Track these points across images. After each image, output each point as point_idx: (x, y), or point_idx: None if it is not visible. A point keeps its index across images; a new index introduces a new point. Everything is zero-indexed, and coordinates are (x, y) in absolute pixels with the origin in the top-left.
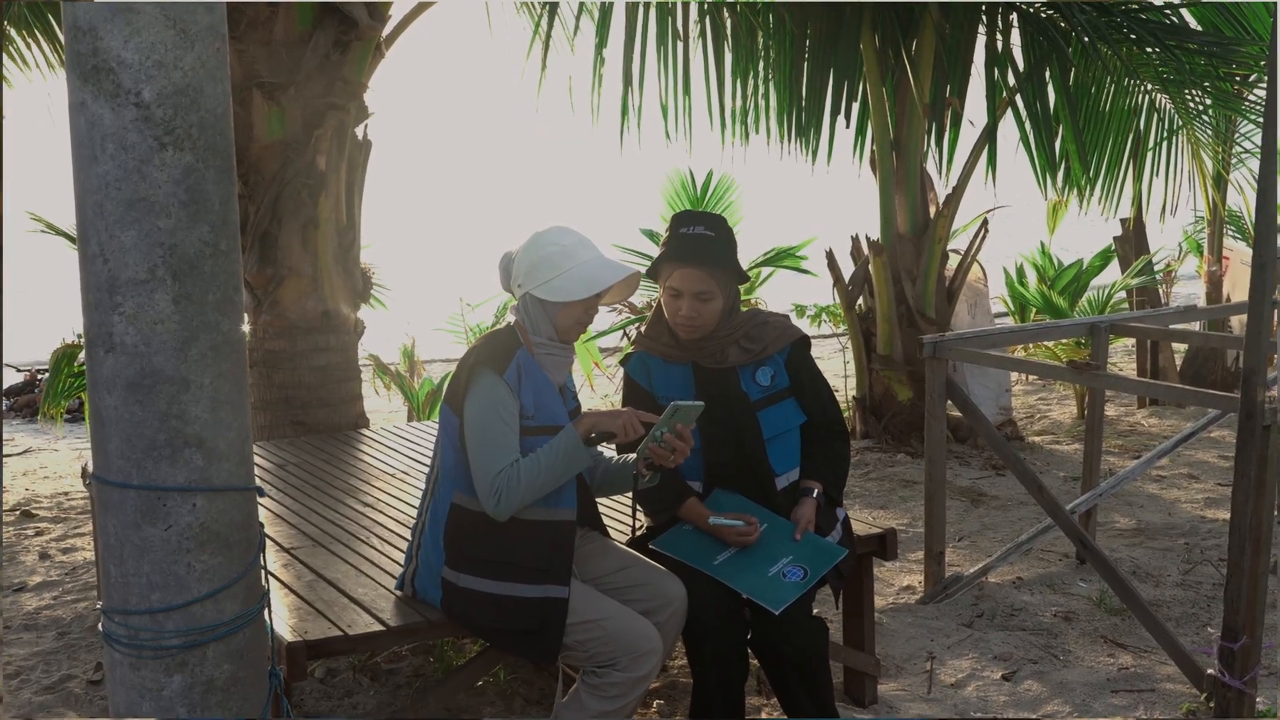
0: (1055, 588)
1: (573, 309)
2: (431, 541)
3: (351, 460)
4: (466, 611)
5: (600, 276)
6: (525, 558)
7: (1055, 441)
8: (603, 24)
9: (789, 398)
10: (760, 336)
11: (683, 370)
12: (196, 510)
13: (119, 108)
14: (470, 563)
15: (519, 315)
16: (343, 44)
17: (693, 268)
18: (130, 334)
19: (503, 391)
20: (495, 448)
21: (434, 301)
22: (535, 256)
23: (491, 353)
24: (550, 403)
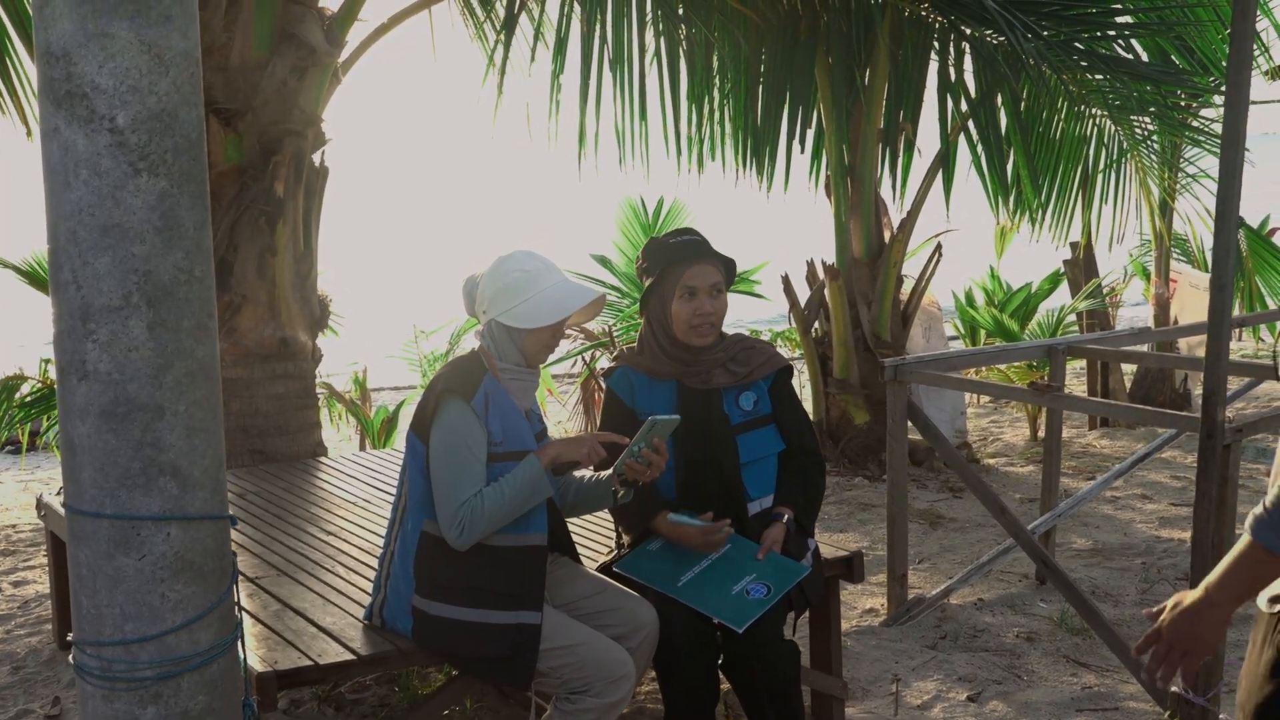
0: (1016, 608)
1: (540, 334)
2: (401, 570)
3: (311, 489)
4: (438, 639)
5: (566, 301)
6: (497, 584)
7: (1010, 464)
8: (559, 51)
9: (769, 425)
10: (747, 360)
11: (667, 388)
12: (171, 539)
13: (93, 133)
14: (442, 590)
15: (484, 341)
16: (300, 70)
17: (704, 263)
18: (104, 361)
19: (470, 419)
20: (460, 478)
21: (387, 329)
22: (500, 282)
23: (459, 380)
24: (517, 428)
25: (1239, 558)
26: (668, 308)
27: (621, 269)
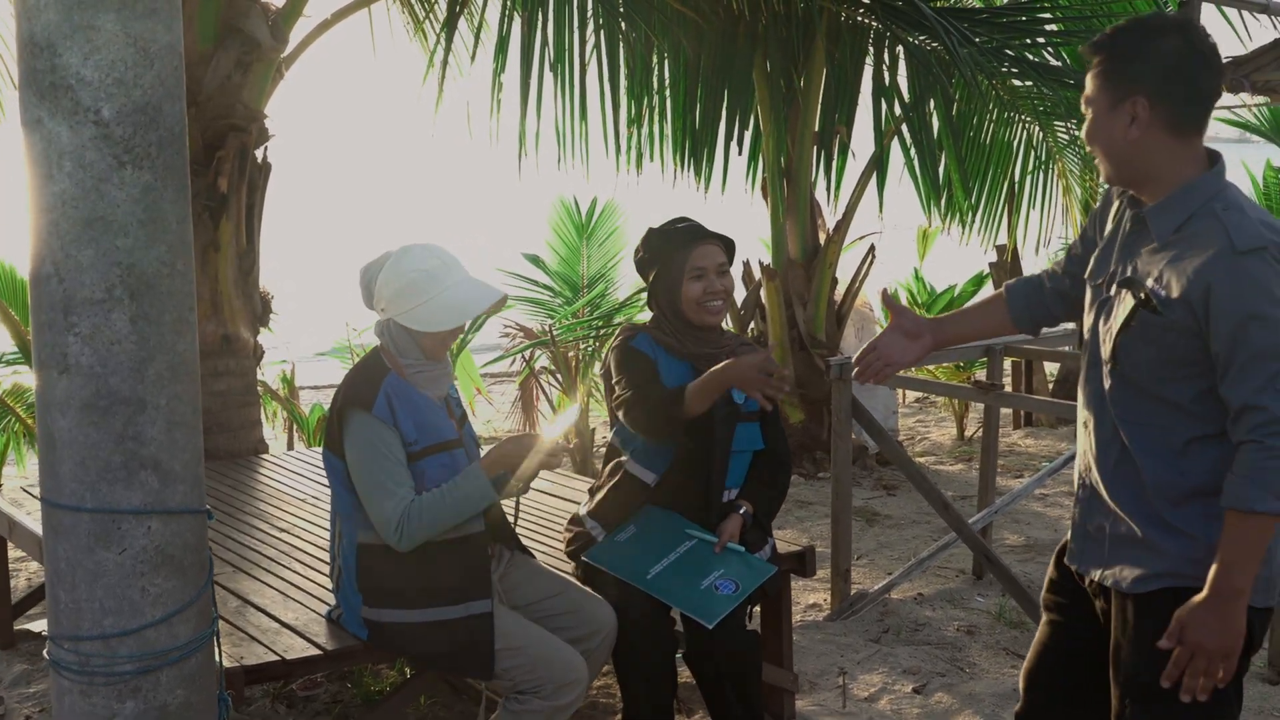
0: (955, 603)
1: (440, 334)
2: (348, 583)
3: (258, 486)
4: (396, 644)
5: (467, 306)
6: (441, 580)
7: (938, 462)
8: (500, 50)
9: (755, 421)
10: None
11: (684, 367)
12: (152, 533)
13: (77, 125)
14: (388, 597)
15: (383, 339)
16: (244, 64)
17: (707, 243)
18: (86, 354)
19: (377, 427)
20: (386, 488)
21: (320, 325)
22: (399, 282)
23: (356, 391)
24: (432, 421)
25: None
26: (677, 292)
27: (554, 268)
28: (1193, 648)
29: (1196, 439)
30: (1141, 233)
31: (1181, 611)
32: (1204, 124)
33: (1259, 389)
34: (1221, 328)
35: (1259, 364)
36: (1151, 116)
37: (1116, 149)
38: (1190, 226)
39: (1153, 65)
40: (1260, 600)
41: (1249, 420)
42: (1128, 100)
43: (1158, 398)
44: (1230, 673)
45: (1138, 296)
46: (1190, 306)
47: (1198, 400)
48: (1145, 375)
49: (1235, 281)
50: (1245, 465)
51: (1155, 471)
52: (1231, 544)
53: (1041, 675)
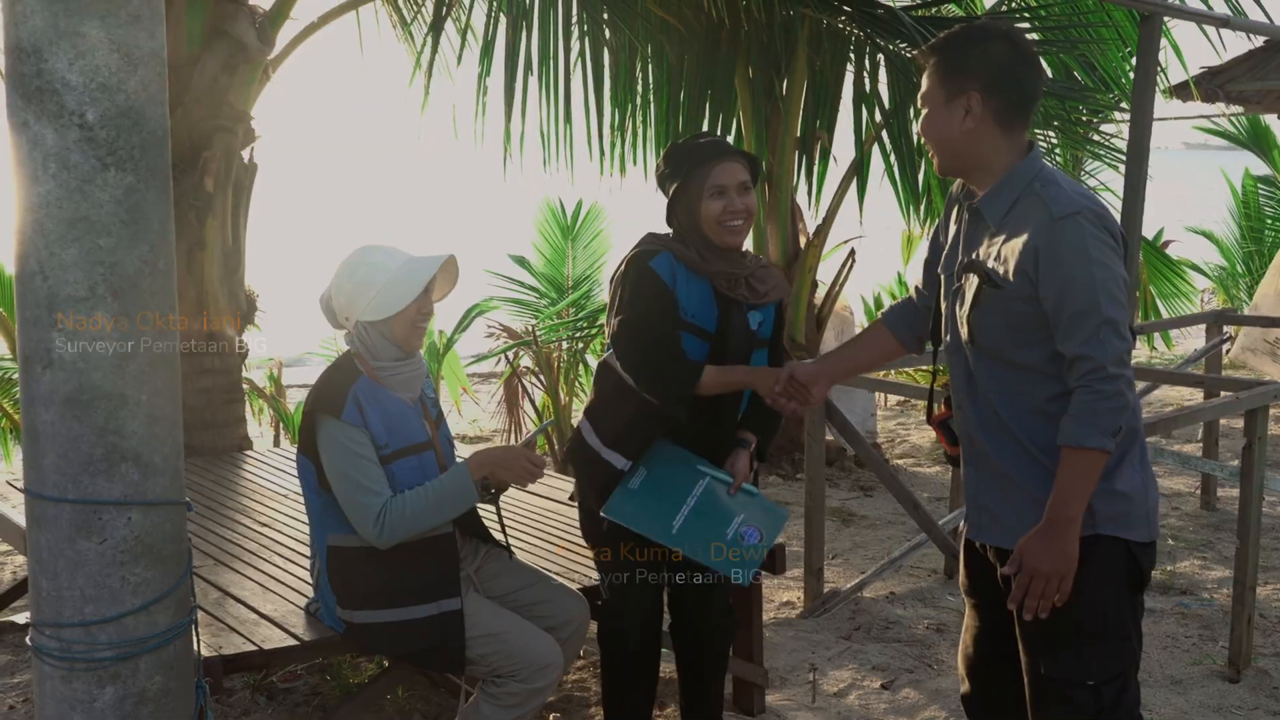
0: (926, 601)
1: (406, 315)
2: (323, 583)
3: (240, 482)
4: (369, 643)
5: (417, 275)
6: (411, 579)
7: (917, 464)
8: (485, 53)
9: (765, 348)
10: (765, 279)
11: (704, 285)
12: (132, 524)
13: (62, 129)
14: (360, 598)
15: (355, 346)
16: (231, 67)
17: (729, 160)
18: (69, 350)
19: (349, 431)
20: (363, 486)
21: (307, 325)
22: (349, 285)
23: (324, 396)
24: (404, 423)
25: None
26: (696, 210)
27: (539, 269)
28: (1030, 572)
29: (1056, 395)
30: (979, 222)
31: (1021, 542)
32: (1028, 119)
33: (1085, 340)
34: (1049, 289)
35: (1083, 318)
36: (984, 110)
37: (951, 139)
38: (1017, 208)
39: (985, 65)
40: (1140, 535)
41: (1079, 368)
42: (963, 95)
43: (1015, 364)
44: (1066, 592)
45: (980, 275)
46: (1025, 275)
47: (1051, 361)
48: (1001, 346)
49: (1056, 245)
50: (1077, 407)
51: (1030, 430)
52: (1066, 477)
53: (976, 657)
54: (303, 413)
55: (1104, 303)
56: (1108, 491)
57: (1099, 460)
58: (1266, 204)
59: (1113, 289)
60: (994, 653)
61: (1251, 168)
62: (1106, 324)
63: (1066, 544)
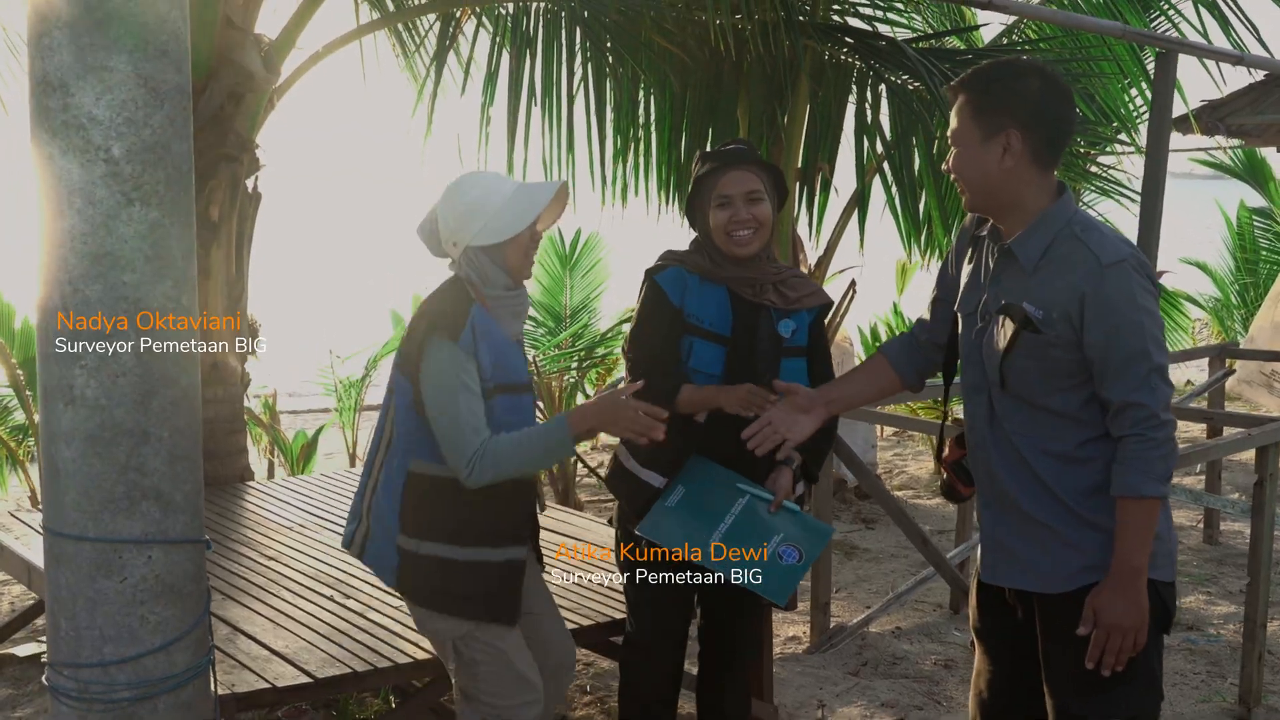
0: (933, 636)
1: (519, 242)
2: (386, 507)
3: (245, 513)
4: (426, 578)
5: (534, 199)
6: (487, 521)
7: (916, 496)
8: (489, 83)
9: (802, 358)
10: (797, 287)
11: (719, 292)
12: (152, 562)
13: (88, 163)
14: (430, 529)
15: (464, 273)
16: (237, 95)
17: (738, 169)
18: (91, 387)
19: (461, 359)
20: (465, 421)
21: (303, 353)
22: (459, 209)
23: (445, 318)
24: (509, 359)
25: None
26: (706, 219)
27: (538, 299)
28: (1109, 629)
29: (1086, 441)
30: (1010, 263)
31: (1092, 598)
32: (1059, 157)
33: (1135, 388)
34: (1096, 335)
35: (1132, 365)
36: (1023, 148)
37: (988, 177)
38: (1054, 250)
39: (1022, 102)
40: (1165, 574)
41: (1130, 416)
42: (1001, 133)
43: (1047, 409)
44: (1142, 643)
45: (1018, 320)
46: (1069, 320)
47: (1084, 407)
48: (1034, 391)
49: (1104, 292)
50: (1130, 456)
51: (1058, 475)
52: (1126, 528)
53: (991, 702)
54: (411, 330)
55: (1153, 350)
56: None
57: (1156, 507)
58: (1262, 236)
59: (1159, 336)
60: (1009, 698)
61: (1237, 198)
62: (1155, 370)
63: (1139, 595)
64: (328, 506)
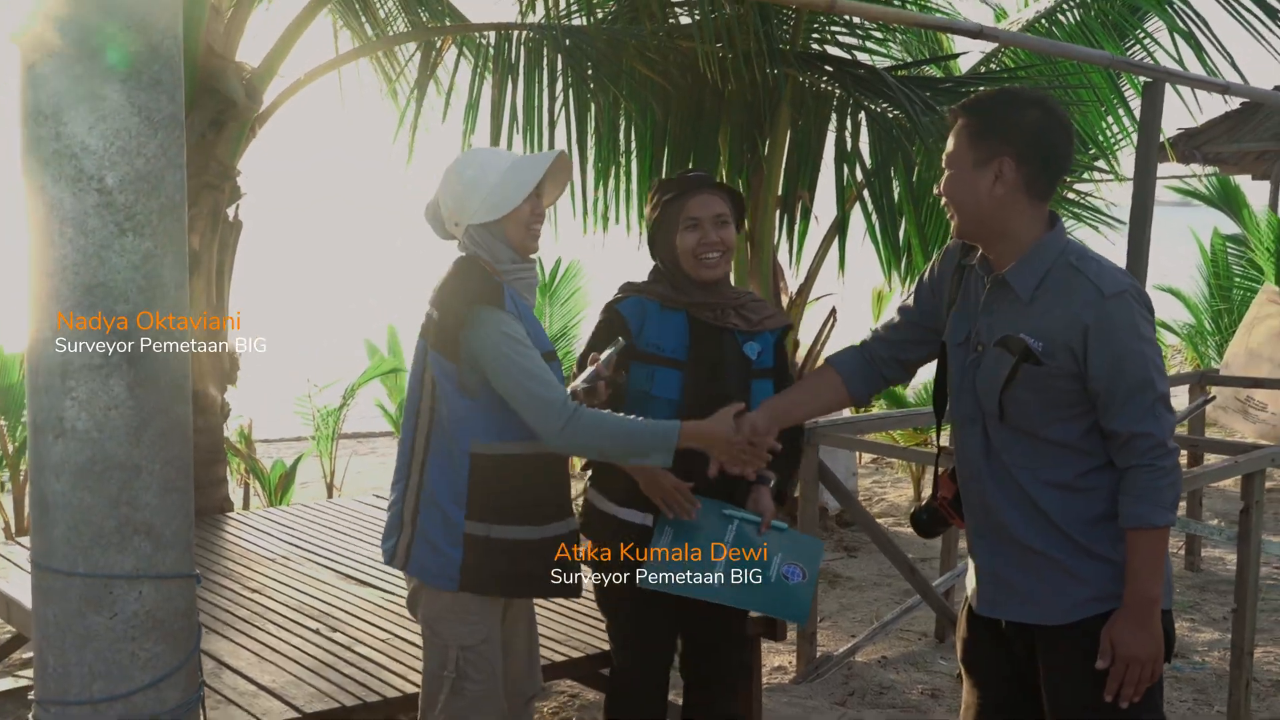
0: (919, 665)
1: (519, 215)
2: (447, 498)
3: (226, 545)
4: (500, 564)
5: (531, 171)
6: (554, 495)
7: (897, 524)
8: (470, 110)
9: (769, 379)
10: (758, 310)
11: (678, 318)
12: (143, 598)
13: (80, 193)
14: (502, 512)
15: (472, 251)
16: (219, 124)
17: (706, 193)
18: (82, 419)
19: (512, 323)
20: (543, 381)
21: (280, 381)
22: (457, 189)
23: (486, 289)
24: (537, 330)
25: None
26: (672, 243)
27: None
28: (1126, 660)
29: (1088, 471)
30: (1003, 293)
31: (1108, 629)
32: (1054, 189)
33: (1140, 417)
34: (1100, 366)
35: (1138, 395)
36: (1015, 177)
37: (978, 204)
38: (1051, 280)
39: (1020, 131)
40: (1168, 602)
41: (1137, 446)
42: (995, 160)
43: (1046, 440)
44: (1159, 673)
45: (1017, 351)
46: (1071, 351)
47: (1084, 437)
48: (1033, 422)
49: (1108, 323)
50: (1139, 486)
51: (1059, 506)
52: (1139, 559)
53: None
54: (445, 309)
55: (1156, 379)
56: None
57: (1166, 536)
58: (1235, 263)
59: (1161, 365)
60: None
61: (1211, 225)
62: (1160, 399)
63: (1154, 625)
64: (310, 537)
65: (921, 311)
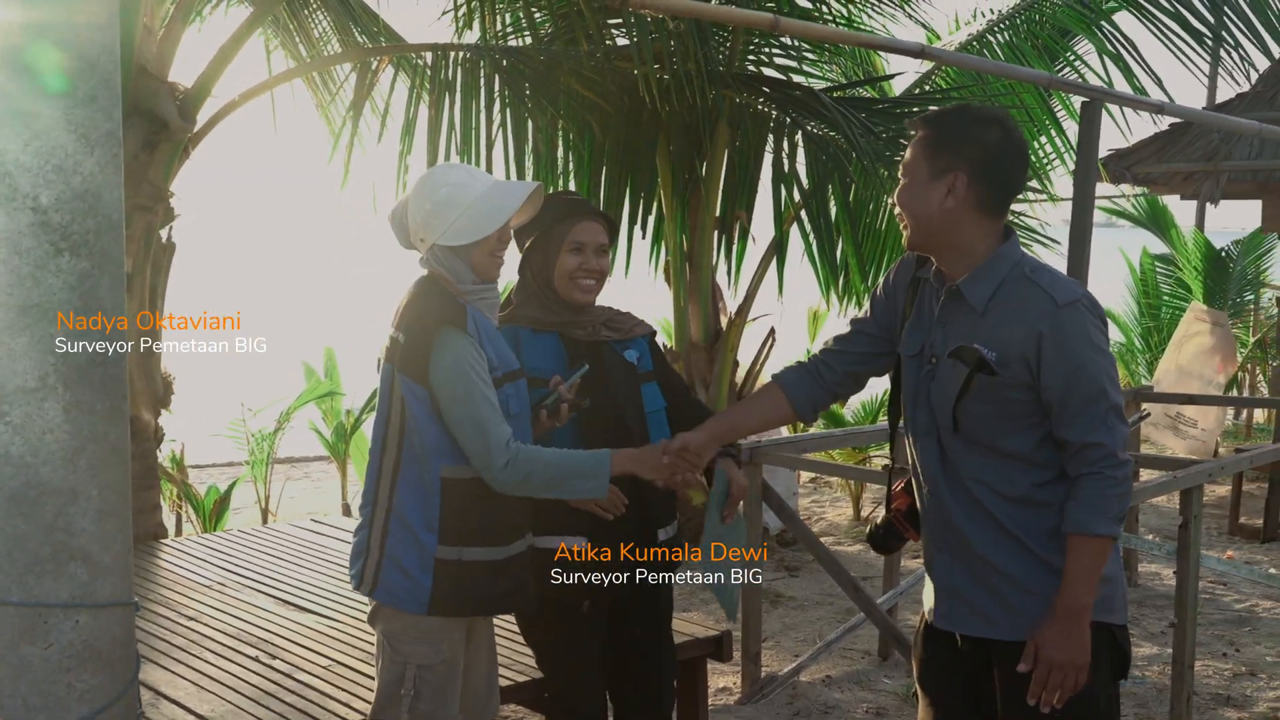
0: (863, 684)
1: (486, 244)
2: (418, 522)
3: (161, 572)
4: (472, 587)
5: (504, 202)
6: (521, 514)
7: (837, 543)
8: (407, 131)
9: (654, 381)
10: (625, 321)
11: (550, 339)
12: (80, 627)
13: (14, 212)
14: (473, 535)
15: (434, 268)
16: (152, 144)
17: (591, 220)
18: (16, 444)
19: (474, 350)
20: (491, 414)
21: (211, 406)
22: (428, 204)
23: (449, 310)
24: (503, 349)
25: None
26: (552, 263)
27: None
28: (1049, 664)
29: (1043, 483)
30: (957, 304)
31: (1033, 634)
32: (1007, 207)
33: (1093, 427)
34: (1053, 376)
35: (1091, 405)
36: (967, 193)
37: (929, 215)
38: (1005, 291)
39: (976, 149)
40: (1120, 618)
41: (1090, 455)
42: (949, 174)
43: (1002, 452)
44: (1083, 682)
45: (971, 362)
46: (1025, 361)
47: (1038, 448)
48: (988, 433)
49: (1061, 333)
50: (1086, 494)
51: (1016, 518)
52: (1077, 566)
53: None
54: (411, 330)
55: (1109, 389)
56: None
57: (1108, 546)
58: (1164, 281)
59: (1114, 375)
60: None
61: (1140, 245)
62: (1113, 409)
63: (1082, 633)
64: (246, 563)
65: (877, 324)
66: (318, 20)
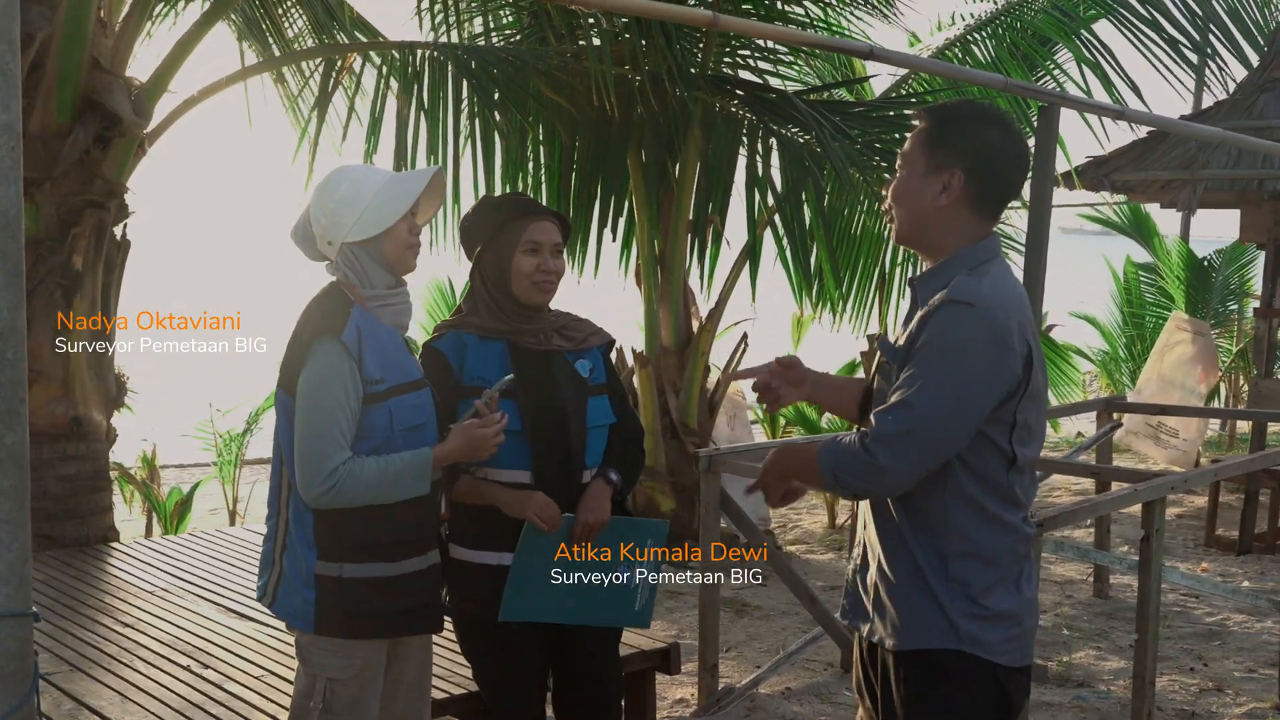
0: (823, 697)
1: (397, 233)
2: (300, 540)
3: (104, 577)
4: (352, 605)
5: (407, 188)
6: (410, 530)
7: (810, 551)
8: (373, 131)
9: (604, 394)
10: (580, 329)
11: (498, 348)
12: None
13: None
14: (353, 551)
15: (342, 275)
16: (104, 140)
17: (546, 219)
18: None
19: (342, 359)
20: (333, 430)
21: (180, 406)
22: (330, 203)
23: (325, 318)
24: (400, 357)
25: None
26: (507, 264)
27: None
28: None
29: (948, 505)
30: (914, 300)
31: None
32: (1000, 211)
33: (893, 407)
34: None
35: (905, 389)
36: (962, 191)
37: (921, 209)
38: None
39: (976, 148)
40: (1013, 659)
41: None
42: (946, 170)
43: None
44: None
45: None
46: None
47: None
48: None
49: (933, 322)
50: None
51: (915, 536)
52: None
53: None
54: (293, 343)
55: (927, 397)
56: (976, 608)
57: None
58: (1147, 290)
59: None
60: None
61: (1125, 253)
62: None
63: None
64: (194, 568)
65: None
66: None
